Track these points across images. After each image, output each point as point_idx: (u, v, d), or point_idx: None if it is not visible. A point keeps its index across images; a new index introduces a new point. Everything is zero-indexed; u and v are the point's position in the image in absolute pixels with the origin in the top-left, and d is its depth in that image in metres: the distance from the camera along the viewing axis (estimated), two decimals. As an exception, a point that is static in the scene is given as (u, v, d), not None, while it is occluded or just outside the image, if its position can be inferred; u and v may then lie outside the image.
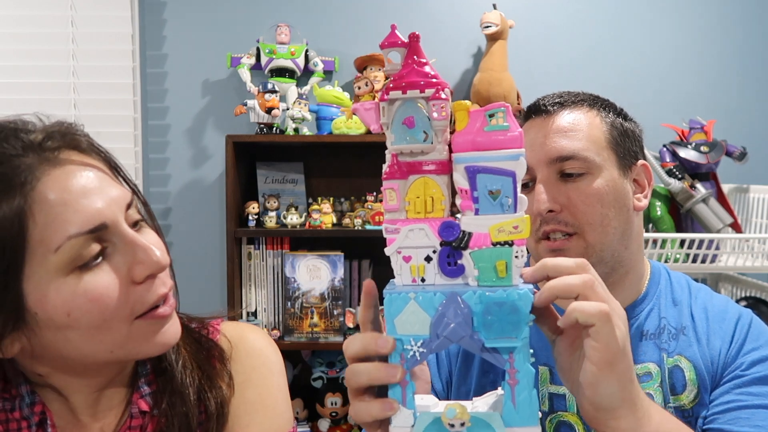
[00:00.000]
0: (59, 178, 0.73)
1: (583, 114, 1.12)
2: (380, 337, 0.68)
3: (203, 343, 0.92)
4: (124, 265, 0.75)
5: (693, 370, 1.06)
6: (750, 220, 2.30)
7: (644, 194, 1.15)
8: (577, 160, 1.07)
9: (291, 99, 2.59)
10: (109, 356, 0.78)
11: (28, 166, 0.72)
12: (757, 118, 2.74)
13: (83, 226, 0.72)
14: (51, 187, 0.72)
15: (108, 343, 0.76)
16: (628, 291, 1.13)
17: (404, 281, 0.68)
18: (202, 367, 0.89)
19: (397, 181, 0.66)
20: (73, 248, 0.71)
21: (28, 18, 2.73)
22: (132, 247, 0.76)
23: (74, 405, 0.84)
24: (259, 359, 0.95)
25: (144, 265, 0.75)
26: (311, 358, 2.70)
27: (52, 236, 0.71)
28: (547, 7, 2.74)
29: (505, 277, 0.66)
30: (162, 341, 0.80)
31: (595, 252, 1.07)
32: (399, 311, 0.66)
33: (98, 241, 0.74)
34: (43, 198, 0.71)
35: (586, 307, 0.69)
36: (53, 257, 0.71)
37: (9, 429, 0.80)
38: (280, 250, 2.61)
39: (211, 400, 0.87)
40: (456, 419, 0.64)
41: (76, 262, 0.72)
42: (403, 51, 0.67)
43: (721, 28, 2.74)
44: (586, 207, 1.06)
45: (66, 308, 0.72)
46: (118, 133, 2.72)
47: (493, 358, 0.66)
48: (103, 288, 0.73)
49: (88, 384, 0.83)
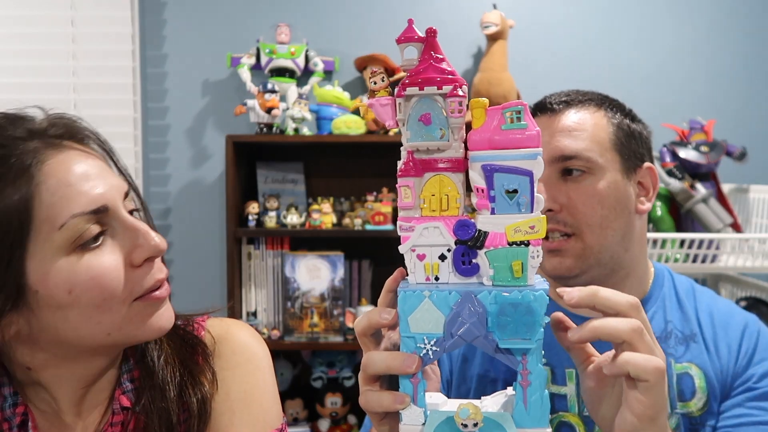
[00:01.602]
0: (63, 162, 0.76)
1: (589, 114, 1.10)
2: (384, 309, 0.69)
3: (187, 340, 0.93)
4: (123, 248, 0.78)
5: (703, 378, 1.06)
6: (750, 220, 2.30)
7: (648, 197, 1.13)
8: (580, 160, 1.06)
9: (291, 99, 2.59)
10: (105, 339, 0.79)
11: (33, 149, 0.76)
12: (757, 118, 2.75)
13: (86, 207, 0.75)
14: (56, 169, 0.75)
15: (106, 324, 0.77)
16: (629, 293, 1.12)
17: (418, 279, 0.67)
18: (185, 364, 0.90)
19: (413, 178, 0.66)
20: (76, 227, 0.74)
21: (28, 18, 2.72)
22: (131, 231, 0.79)
23: (59, 403, 0.84)
24: (244, 355, 0.94)
25: (143, 248, 0.78)
26: (311, 358, 2.70)
27: (57, 214, 0.74)
28: (547, 7, 2.74)
29: (520, 277, 0.65)
30: (157, 324, 0.81)
31: (593, 254, 1.06)
32: (413, 309, 0.65)
33: (99, 223, 0.76)
34: (49, 179, 0.74)
35: (641, 362, 0.67)
36: (57, 235, 0.74)
37: None
38: (280, 250, 2.61)
39: (193, 397, 0.87)
40: (469, 419, 0.64)
41: (78, 242, 0.75)
42: (419, 46, 0.66)
43: (721, 28, 2.75)
44: (585, 208, 1.05)
45: (67, 286, 0.74)
46: (118, 133, 2.71)
47: (506, 359, 0.65)
48: (104, 267, 0.76)
49: (78, 376, 0.84)
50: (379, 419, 0.72)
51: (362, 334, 0.72)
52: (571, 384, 1.08)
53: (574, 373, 1.08)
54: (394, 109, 0.66)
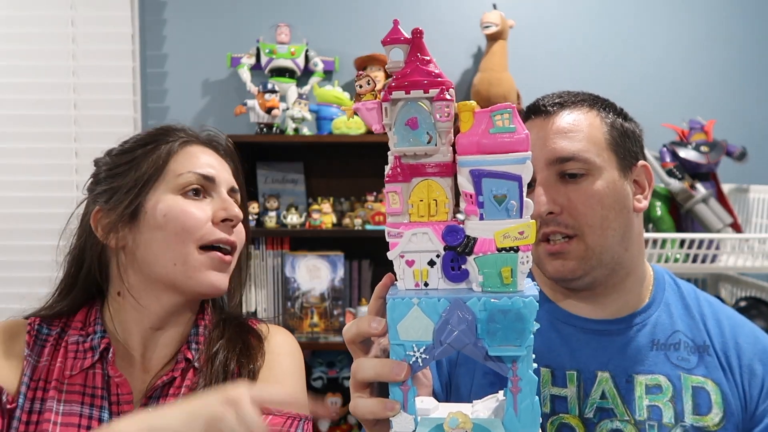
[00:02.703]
0: (200, 149, 1.10)
1: (583, 114, 1.10)
2: (374, 318, 0.69)
3: (243, 326, 1.13)
4: (212, 209, 1.05)
5: (719, 394, 1.06)
6: (750, 220, 2.29)
7: (644, 195, 1.13)
8: (578, 162, 1.05)
9: (291, 99, 2.58)
10: (172, 269, 1.02)
11: (184, 139, 1.10)
12: (757, 118, 2.74)
13: (200, 170, 1.06)
14: (194, 150, 1.09)
15: (177, 253, 1.02)
16: (629, 294, 1.13)
17: (407, 285, 0.67)
18: (244, 341, 1.10)
19: (400, 183, 0.66)
20: (187, 179, 1.05)
21: (28, 18, 2.72)
22: (222, 199, 1.07)
23: (131, 343, 1.07)
24: (284, 348, 1.13)
25: (225, 210, 1.05)
26: (311, 358, 2.70)
27: (181, 167, 1.06)
28: (547, 7, 2.74)
29: (510, 283, 0.64)
30: (209, 280, 1.04)
31: (595, 255, 1.05)
32: (402, 316, 0.65)
33: (203, 187, 1.06)
34: (187, 151, 1.08)
35: None
36: (175, 180, 1.04)
37: (77, 356, 1.03)
38: (280, 250, 2.61)
39: (246, 366, 1.06)
40: (458, 428, 0.63)
41: (186, 189, 1.04)
42: (406, 48, 0.65)
43: (721, 28, 2.74)
44: (586, 208, 1.05)
45: (164, 211, 1.02)
46: (118, 133, 2.64)
47: (496, 366, 0.65)
48: (192, 210, 1.03)
49: (151, 312, 1.06)
50: (370, 426, 0.72)
51: (351, 341, 0.72)
52: (571, 386, 1.07)
53: (575, 375, 1.08)
54: (380, 113, 0.65)
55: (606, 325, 1.10)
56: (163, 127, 1.13)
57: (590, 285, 1.09)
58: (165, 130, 1.12)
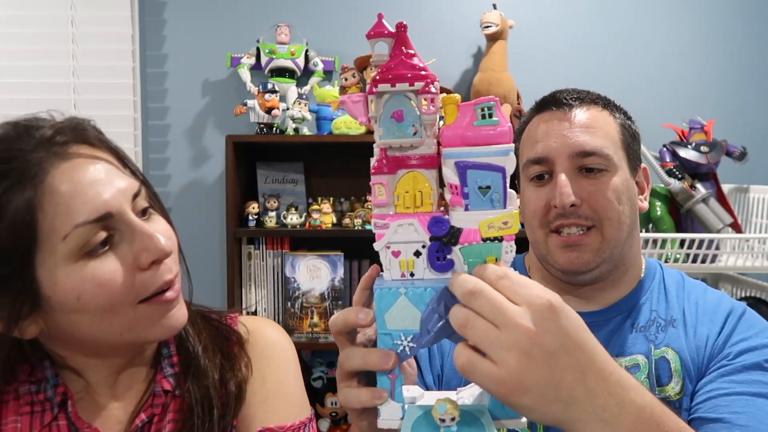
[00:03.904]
0: (67, 171, 0.77)
1: (598, 112, 1.14)
2: (361, 309, 0.69)
3: (222, 330, 0.98)
4: (130, 252, 0.79)
5: (678, 360, 1.07)
6: (750, 220, 2.29)
7: (644, 196, 1.19)
8: (599, 157, 1.09)
9: (291, 99, 2.59)
10: (119, 338, 0.82)
11: (38, 161, 0.76)
12: (757, 118, 2.73)
13: (90, 215, 0.76)
14: (59, 179, 0.76)
15: (116, 326, 0.80)
16: (625, 287, 1.16)
17: (393, 276, 0.67)
18: (222, 351, 0.95)
19: (386, 175, 0.66)
20: (80, 236, 0.76)
21: (28, 18, 2.73)
22: (138, 234, 0.80)
23: (93, 386, 0.89)
24: (275, 349, 1.00)
25: (149, 251, 0.79)
26: (311, 358, 2.70)
27: (61, 225, 0.75)
28: (547, 7, 2.74)
29: None
30: (168, 324, 0.84)
31: (608, 248, 1.09)
32: (389, 306, 0.65)
33: (105, 229, 0.78)
34: (52, 190, 0.76)
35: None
36: (62, 245, 0.75)
37: (34, 411, 0.85)
38: (280, 250, 2.61)
39: (231, 380, 0.92)
40: (447, 414, 0.64)
41: (84, 249, 0.77)
42: (391, 41, 0.66)
43: (721, 29, 2.73)
44: (606, 201, 1.08)
45: (75, 293, 0.77)
46: (118, 133, 2.71)
47: None
48: (110, 273, 0.77)
49: (107, 364, 0.88)
50: (358, 415, 0.73)
51: (338, 333, 0.72)
52: None
53: None
54: (366, 106, 0.65)
55: (594, 317, 1.12)
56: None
57: (595, 279, 1.13)
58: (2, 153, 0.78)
